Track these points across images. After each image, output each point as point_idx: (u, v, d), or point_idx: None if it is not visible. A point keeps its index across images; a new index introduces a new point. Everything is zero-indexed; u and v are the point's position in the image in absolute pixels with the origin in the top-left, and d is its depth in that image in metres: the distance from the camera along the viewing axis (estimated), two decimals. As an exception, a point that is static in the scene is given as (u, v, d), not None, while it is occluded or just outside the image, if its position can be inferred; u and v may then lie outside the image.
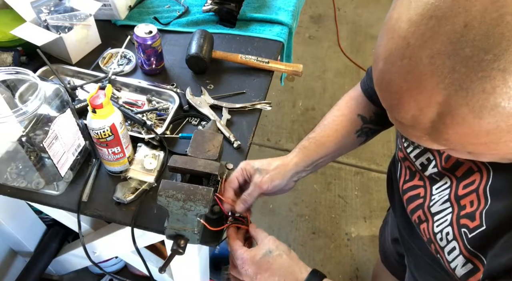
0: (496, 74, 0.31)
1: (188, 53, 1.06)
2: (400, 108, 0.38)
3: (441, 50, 0.33)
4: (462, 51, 0.32)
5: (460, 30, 0.32)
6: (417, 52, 0.34)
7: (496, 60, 0.31)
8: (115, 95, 1.02)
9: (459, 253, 0.54)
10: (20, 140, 0.72)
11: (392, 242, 1.01)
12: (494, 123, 0.34)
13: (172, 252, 0.72)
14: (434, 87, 0.34)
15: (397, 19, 0.36)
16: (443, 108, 0.35)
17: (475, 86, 0.32)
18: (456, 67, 0.32)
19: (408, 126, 0.40)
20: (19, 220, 1.23)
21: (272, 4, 1.32)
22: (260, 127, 2.25)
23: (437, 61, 0.33)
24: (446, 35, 0.32)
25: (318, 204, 1.95)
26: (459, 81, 0.33)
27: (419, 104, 0.36)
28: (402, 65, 0.36)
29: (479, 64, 0.31)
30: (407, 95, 0.37)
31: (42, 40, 0.99)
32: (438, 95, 0.34)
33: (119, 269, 1.54)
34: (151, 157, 0.87)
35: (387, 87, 0.39)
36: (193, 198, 0.66)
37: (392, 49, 0.37)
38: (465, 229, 0.53)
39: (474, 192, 0.53)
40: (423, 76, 0.34)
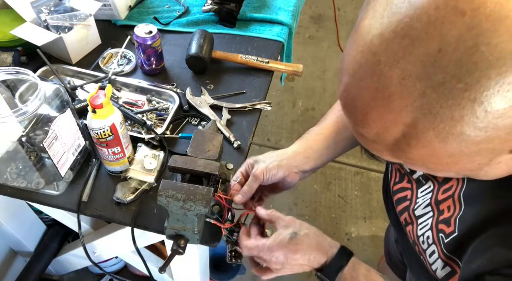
0: (466, 103, 0.30)
1: (188, 53, 1.06)
2: (364, 124, 0.37)
3: (413, 72, 0.32)
4: (434, 76, 0.31)
5: (434, 55, 0.30)
6: (388, 71, 0.33)
7: (467, 89, 0.30)
8: (115, 95, 1.02)
9: (438, 256, 0.54)
10: (20, 140, 0.72)
11: (395, 242, 1.02)
12: (457, 148, 0.34)
13: (172, 252, 0.72)
14: (403, 109, 0.33)
15: (368, 31, 0.35)
16: (409, 129, 0.34)
17: (444, 112, 0.31)
18: (426, 91, 0.31)
19: (371, 141, 0.39)
20: (19, 220, 1.23)
21: (272, 4, 1.32)
22: (260, 127, 2.25)
23: (407, 82, 0.32)
24: (419, 57, 0.31)
25: (318, 204, 1.95)
26: (428, 105, 0.32)
27: (385, 123, 0.35)
28: (371, 82, 0.34)
29: (450, 91, 0.30)
30: (373, 113, 0.36)
31: (42, 40, 0.99)
32: (406, 116, 0.33)
33: (119, 269, 1.54)
34: (151, 157, 0.87)
35: (353, 102, 0.37)
36: (193, 198, 0.66)
37: (361, 64, 0.35)
38: (442, 234, 0.54)
39: (450, 197, 0.54)
40: (392, 96, 0.33)
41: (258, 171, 0.73)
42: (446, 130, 0.32)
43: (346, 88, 0.38)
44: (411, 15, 0.31)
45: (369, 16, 0.35)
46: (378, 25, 0.33)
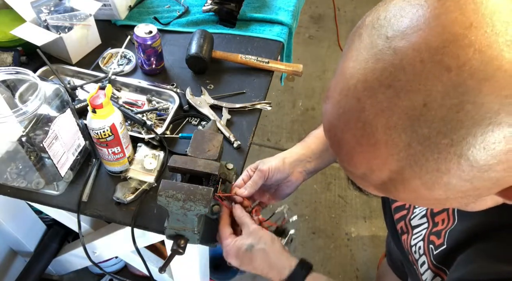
0: (452, 157, 0.30)
1: (188, 53, 1.06)
2: (350, 165, 0.37)
3: (398, 123, 0.31)
4: (419, 130, 0.30)
5: (419, 109, 0.29)
6: (373, 119, 0.32)
7: (453, 145, 0.30)
8: (115, 95, 1.02)
9: (428, 267, 0.55)
10: (20, 140, 0.72)
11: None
12: (443, 195, 0.34)
13: (172, 252, 0.72)
14: (388, 157, 0.33)
15: (351, 75, 0.33)
16: (396, 176, 0.34)
17: (429, 164, 0.31)
18: (412, 143, 0.31)
19: (357, 177, 0.39)
20: (19, 220, 1.23)
21: (272, 4, 1.32)
22: (260, 127, 2.25)
23: (393, 133, 0.31)
24: (404, 109, 0.30)
25: (318, 204, 1.95)
26: (414, 157, 0.31)
27: (371, 167, 0.35)
28: (356, 128, 0.34)
29: (435, 145, 0.30)
30: (359, 157, 0.35)
31: (42, 40, 0.99)
32: (392, 164, 0.33)
33: (119, 269, 1.54)
34: (151, 157, 0.87)
35: (339, 143, 0.37)
36: (193, 198, 0.66)
37: (346, 109, 0.34)
38: (432, 245, 0.55)
39: (445, 211, 0.55)
40: (378, 144, 0.33)
41: (264, 167, 0.75)
42: (432, 180, 0.32)
43: (331, 128, 0.37)
44: (396, 64, 0.30)
45: (353, 58, 0.34)
46: (362, 70, 0.32)
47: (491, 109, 0.28)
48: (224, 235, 0.69)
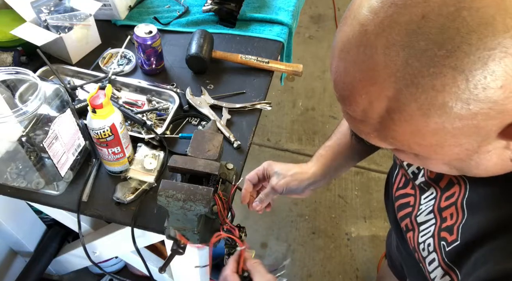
0: (447, 71, 0.30)
1: (188, 53, 1.06)
2: (351, 100, 0.37)
3: (397, 40, 0.32)
4: (417, 44, 0.31)
5: (417, 21, 0.30)
6: (374, 40, 0.33)
7: (448, 56, 0.30)
8: (115, 95, 1.02)
9: (438, 264, 0.54)
10: (20, 140, 0.72)
11: (396, 249, 1.01)
12: (440, 124, 0.33)
13: (172, 252, 0.72)
14: (386, 80, 0.33)
15: (359, 5, 0.35)
16: (392, 103, 0.34)
17: (425, 82, 0.31)
18: (409, 60, 0.31)
19: (358, 121, 0.39)
20: (19, 220, 1.23)
21: (272, 4, 1.32)
22: (260, 127, 2.25)
23: (391, 52, 0.32)
24: (403, 25, 0.31)
25: (318, 204, 1.95)
26: (410, 75, 0.32)
27: (370, 97, 0.35)
28: (358, 53, 0.34)
29: (431, 59, 0.30)
30: (359, 86, 0.35)
31: (42, 40, 0.99)
32: (389, 88, 0.33)
33: (119, 269, 1.54)
34: (151, 157, 0.87)
35: (341, 77, 0.37)
36: (193, 198, 0.66)
37: (350, 36, 0.35)
38: (444, 242, 0.53)
39: (453, 205, 0.53)
40: (377, 66, 0.33)
41: (278, 186, 0.77)
42: (428, 101, 0.32)
43: (336, 63, 0.38)
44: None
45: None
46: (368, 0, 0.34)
47: (487, 14, 0.28)
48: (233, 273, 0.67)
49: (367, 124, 0.38)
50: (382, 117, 0.36)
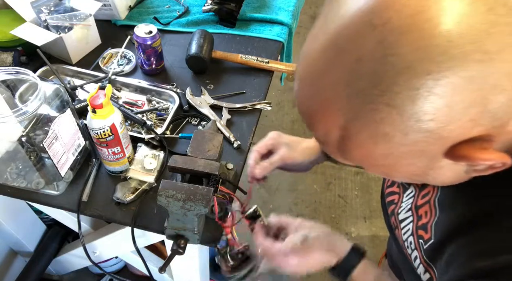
0: (383, 107, 0.33)
1: (188, 53, 1.06)
2: (312, 127, 0.42)
3: (340, 79, 0.35)
4: (356, 83, 0.34)
5: (354, 64, 0.34)
6: (322, 78, 0.37)
7: (382, 95, 0.33)
8: (115, 95, 1.02)
9: (420, 262, 0.56)
10: (20, 140, 0.72)
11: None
12: (387, 150, 0.36)
13: (172, 252, 0.72)
14: (336, 113, 0.37)
15: (314, 40, 0.38)
16: (344, 132, 0.37)
17: (367, 116, 0.35)
18: (351, 97, 0.35)
19: (322, 142, 0.43)
20: (19, 220, 1.23)
21: (272, 4, 1.32)
22: (260, 127, 2.24)
23: (337, 88, 0.35)
24: (344, 66, 0.35)
25: (318, 204, 1.95)
26: (354, 110, 0.35)
27: (325, 126, 0.39)
28: (311, 89, 0.38)
29: (369, 97, 0.34)
30: (316, 117, 0.40)
31: (42, 40, 0.99)
32: (339, 120, 0.37)
33: (119, 269, 1.54)
34: (151, 157, 0.87)
35: (302, 106, 0.42)
36: (193, 198, 0.66)
37: (306, 71, 0.39)
38: (422, 240, 0.55)
39: (427, 203, 0.55)
40: (327, 101, 0.37)
41: (288, 158, 0.77)
42: (372, 131, 0.36)
43: (297, 93, 0.42)
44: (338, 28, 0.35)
45: (317, 27, 0.39)
46: (320, 33, 0.37)
47: (408, 59, 0.31)
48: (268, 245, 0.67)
49: (329, 146, 0.42)
50: (338, 142, 0.39)
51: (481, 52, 0.30)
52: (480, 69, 0.31)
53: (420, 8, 0.31)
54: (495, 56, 0.30)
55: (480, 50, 0.30)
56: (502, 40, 0.30)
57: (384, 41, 0.32)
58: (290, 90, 2.46)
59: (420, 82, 0.31)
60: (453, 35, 0.30)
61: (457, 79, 0.31)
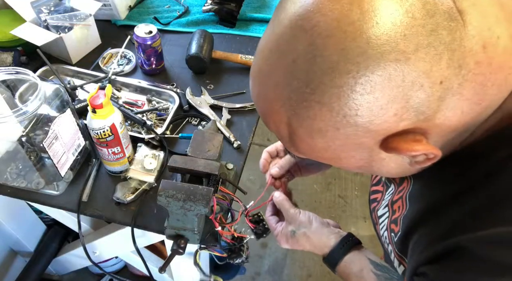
0: (314, 105, 0.36)
1: (188, 53, 1.06)
2: (267, 124, 0.45)
3: (280, 80, 0.38)
4: (292, 82, 0.37)
5: (291, 65, 0.36)
6: (266, 79, 0.40)
7: (313, 93, 0.36)
8: (115, 95, 1.02)
9: (394, 255, 0.58)
10: (20, 140, 0.72)
11: None
12: (325, 143, 0.39)
13: (172, 252, 0.72)
14: (279, 111, 0.40)
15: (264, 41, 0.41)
16: (289, 128, 0.41)
17: (302, 112, 0.38)
18: (290, 95, 0.38)
19: (278, 137, 0.46)
20: (19, 220, 1.23)
21: (272, 4, 1.32)
22: (260, 127, 2.24)
23: (278, 89, 0.38)
24: (282, 67, 0.37)
25: (318, 204, 1.95)
26: (292, 107, 0.38)
27: (274, 123, 0.42)
28: (260, 89, 0.42)
29: (302, 95, 0.37)
30: (266, 115, 0.43)
31: (42, 40, 0.99)
32: (283, 117, 0.40)
33: (119, 269, 1.54)
34: (151, 157, 0.87)
35: (256, 105, 0.45)
36: (193, 198, 0.66)
37: (255, 71, 0.42)
38: (393, 234, 0.57)
39: (400, 198, 0.57)
40: (271, 100, 0.40)
41: None
42: (309, 127, 0.39)
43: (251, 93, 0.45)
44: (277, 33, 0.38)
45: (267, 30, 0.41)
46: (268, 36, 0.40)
47: (333, 61, 0.34)
48: (272, 226, 0.75)
49: (283, 141, 0.45)
50: (288, 137, 0.42)
51: (397, 52, 0.32)
52: (397, 68, 0.33)
53: (344, 12, 0.33)
54: (411, 56, 0.33)
55: (396, 50, 0.32)
56: (417, 41, 0.32)
57: (313, 43, 0.35)
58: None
59: (343, 81, 0.34)
60: (372, 37, 0.33)
61: (376, 78, 0.33)
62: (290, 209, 0.72)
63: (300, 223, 0.71)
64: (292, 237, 0.71)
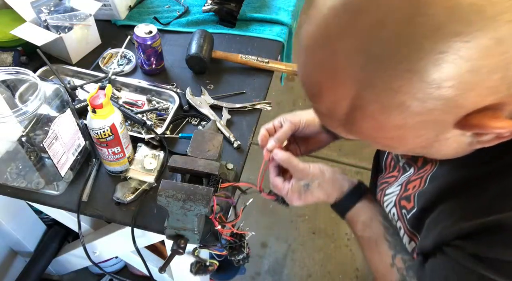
0: (403, 74, 0.31)
1: (188, 53, 1.06)
2: (318, 98, 0.39)
3: (355, 45, 0.33)
4: (373, 48, 0.32)
5: (373, 26, 0.32)
6: (336, 44, 0.34)
7: (403, 60, 0.31)
8: (115, 95, 1.02)
9: (404, 232, 0.58)
10: (20, 140, 0.72)
11: None
12: (401, 120, 0.35)
13: (172, 252, 0.72)
14: (347, 81, 0.35)
15: (323, 4, 0.36)
16: (355, 102, 0.36)
17: (382, 84, 0.33)
18: (367, 63, 0.33)
19: (325, 116, 0.41)
20: (19, 220, 1.23)
21: (272, 4, 1.32)
22: (260, 127, 2.24)
23: (351, 55, 0.33)
24: (360, 30, 0.32)
25: (318, 204, 1.95)
26: (369, 78, 0.33)
27: (334, 96, 0.37)
28: (322, 55, 0.36)
29: (388, 62, 0.32)
30: (323, 86, 0.37)
31: (42, 40, 0.99)
32: (351, 89, 0.35)
33: (119, 269, 1.54)
34: (151, 157, 0.87)
35: (308, 76, 0.39)
36: (193, 198, 0.66)
37: (315, 37, 0.37)
38: (405, 210, 0.57)
39: (420, 178, 0.57)
40: (339, 69, 0.35)
41: (296, 119, 0.74)
42: (387, 101, 0.34)
43: (302, 63, 0.39)
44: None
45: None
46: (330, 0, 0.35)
47: (439, 21, 0.29)
48: (279, 187, 0.70)
49: (333, 119, 0.40)
50: (346, 114, 0.38)
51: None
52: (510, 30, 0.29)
53: None
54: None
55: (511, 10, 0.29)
56: None
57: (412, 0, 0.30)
58: (290, 90, 2.46)
59: (447, 45, 0.30)
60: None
61: (487, 41, 0.29)
62: (299, 164, 0.68)
63: (313, 175, 0.67)
64: (305, 191, 0.67)
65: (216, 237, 0.78)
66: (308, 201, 0.69)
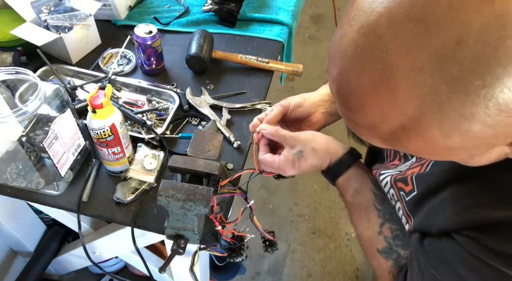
0: (480, 100, 0.28)
1: (188, 53, 1.06)
2: (359, 112, 0.35)
3: (425, 65, 0.28)
4: (448, 70, 0.28)
5: (452, 46, 0.27)
6: (396, 61, 0.29)
7: (484, 86, 0.27)
8: (115, 95, 1.02)
9: (402, 213, 0.58)
10: (20, 140, 0.72)
11: None
12: (460, 143, 0.32)
13: (172, 252, 0.72)
14: (407, 102, 0.30)
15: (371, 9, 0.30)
16: (411, 123, 0.32)
17: (453, 109, 0.29)
18: (438, 87, 0.29)
19: (363, 127, 0.37)
20: (19, 220, 1.23)
21: (272, 4, 1.32)
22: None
23: (417, 76, 0.29)
24: (434, 48, 0.28)
25: (318, 204, 1.95)
26: (437, 101, 0.29)
27: (383, 114, 0.33)
28: (375, 70, 0.31)
29: (464, 87, 0.28)
30: (372, 102, 0.33)
31: (42, 40, 0.99)
32: (409, 110, 0.31)
33: (119, 269, 1.54)
34: (151, 157, 0.87)
35: (350, 88, 0.34)
36: (193, 198, 0.66)
37: (364, 48, 0.31)
38: (403, 193, 0.57)
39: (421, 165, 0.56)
40: (398, 87, 0.30)
41: (285, 102, 0.74)
42: (452, 126, 0.30)
43: (343, 72, 0.34)
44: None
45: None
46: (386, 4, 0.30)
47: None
48: (269, 162, 0.68)
49: (373, 133, 0.36)
50: (394, 131, 0.34)
51: None
52: None
53: None
54: None
55: None
56: None
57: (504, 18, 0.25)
58: (290, 90, 2.46)
59: None
60: None
61: None
62: (289, 132, 0.67)
63: (305, 140, 0.66)
64: (299, 158, 0.65)
65: (216, 238, 0.78)
66: (302, 169, 0.66)
